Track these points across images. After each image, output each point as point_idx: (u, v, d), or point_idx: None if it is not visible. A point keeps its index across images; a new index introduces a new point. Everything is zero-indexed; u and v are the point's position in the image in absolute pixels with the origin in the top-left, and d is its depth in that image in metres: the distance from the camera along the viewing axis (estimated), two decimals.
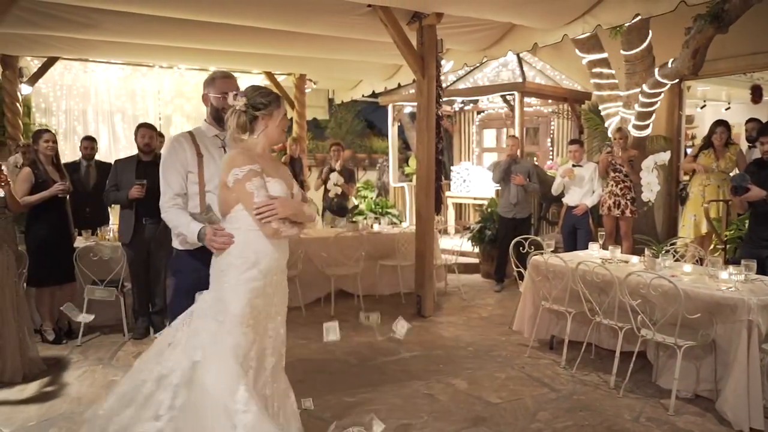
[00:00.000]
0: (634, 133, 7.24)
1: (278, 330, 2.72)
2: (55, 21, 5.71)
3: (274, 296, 2.66)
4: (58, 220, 4.99)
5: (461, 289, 7.06)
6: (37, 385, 4.08)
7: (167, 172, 2.91)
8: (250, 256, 2.55)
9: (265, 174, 2.56)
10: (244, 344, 2.52)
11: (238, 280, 2.54)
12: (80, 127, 8.66)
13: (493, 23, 6.22)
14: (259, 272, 2.55)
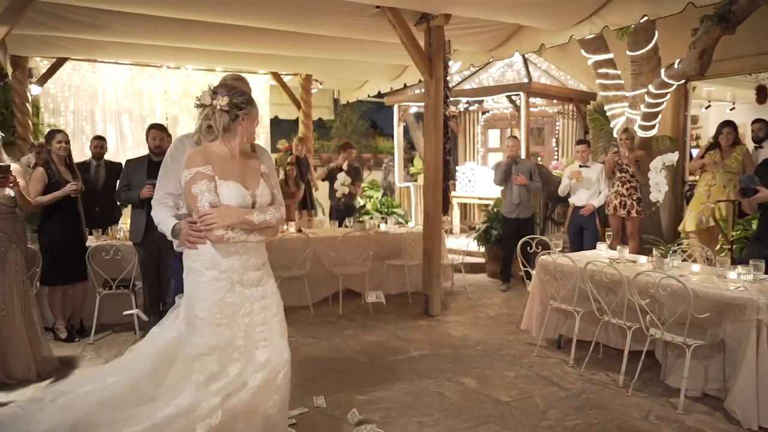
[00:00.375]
0: (640, 133, 7.27)
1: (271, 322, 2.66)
2: (65, 22, 5.76)
3: (253, 292, 2.63)
4: (71, 219, 5.04)
5: (468, 288, 7.09)
6: (50, 383, 4.12)
7: (166, 172, 2.94)
8: (206, 259, 2.54)
9: (218, 176, 2.53)
10: (221, 339, 2.52)
11: (197, 283, 2.55)
12: (88, 127, 8.71)
13: (501, 24, 6.25)
14: (220, 273, 2.55)
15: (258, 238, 2.63)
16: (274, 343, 2.66)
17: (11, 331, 4.07)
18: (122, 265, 5.21)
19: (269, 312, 2.68)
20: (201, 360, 2.51)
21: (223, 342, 2.54)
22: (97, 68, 8.64)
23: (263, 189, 2.66)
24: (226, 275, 2.55)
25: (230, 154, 2.61)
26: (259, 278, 2.67)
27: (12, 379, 4.05)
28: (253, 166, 2.70)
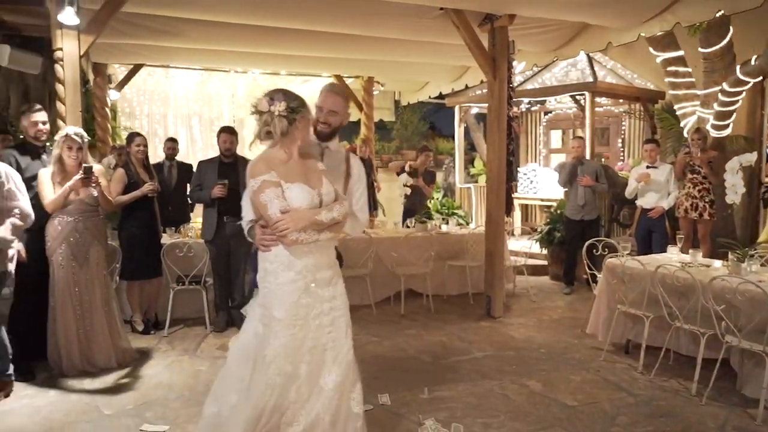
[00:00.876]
0: (713, 133, 6.99)
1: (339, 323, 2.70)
2: (143, 30, 6.05)
3: (326, 292, 2.67)
4: (148, 218, 5.30)
5: (530, 290, 7.01)
6: (130, 372, 4.36)
7: None
8: (282, 261, 2.59)
9: (283, 181, 2.56)
10: (295, 341, 2.58)
11: (277, 284, 2.60)
12: (161, 129, 9.13)
13: (565, 23, 6.16)
14: (296, 274, 2.59)
15: (328, 236, 2.66)
16: (340, 343, 2.70)
17: (94, 322, 4.32)
18: (194, 262, 5.44)
19: (337, 312, 2.72)
20: (276, 362, 2.57)
21: (297, 343, 2.60)
22: (170, 74, 9.03)
23: (327, 187, 2.70)
24: (301, 276, 2.60)
25: (290, 157, 2.65)
26: (330, 277, 2.70)
27: (94, 368, 4.29)
28: (313, 165, 2.73)
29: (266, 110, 2.58)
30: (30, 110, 4.36)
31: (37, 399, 3.84)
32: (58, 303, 4.20)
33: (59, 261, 4.20)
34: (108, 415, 3.62)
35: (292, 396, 2.61)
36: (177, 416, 3.62)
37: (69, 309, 4.22)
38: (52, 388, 4.02)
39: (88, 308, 4.30)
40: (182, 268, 5.41)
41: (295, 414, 2.62)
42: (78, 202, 4.22)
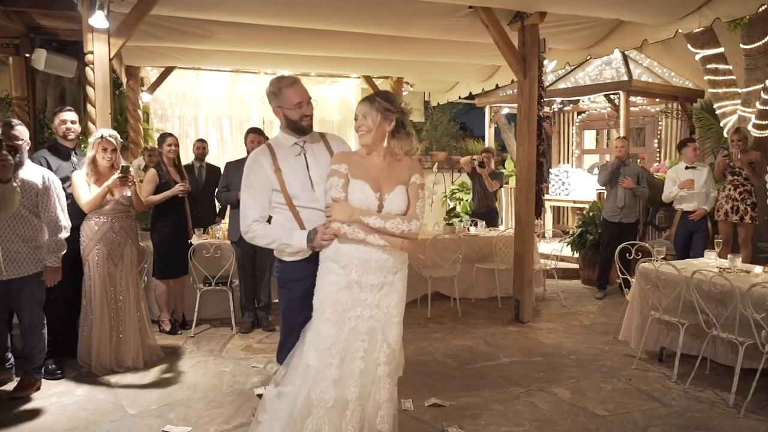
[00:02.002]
0: (754, 133, 6.73)
1: (375, 336, 2.62)
2: (174, 33, 6.12)
3: (369, 297, 2.60)
4: (178, 218, 5.35)
5: (560, 295, 6.85)
6: (156, 372, 4.39)
7: (246, 198, 2.84)
8: (330, 251, 2.64)
9: (351, 175, 2.64)
10: (323, 336, 2.59)
11: (321, 274, 2.68)
12: (192, 131, 9.24)
13: (599, 20, 6.00)
14: (340, 268, 2.61)
15: (379, 242, 2.58)
16: (372, 356, 2.63)
17: (126, 322, 4.37)
18: (221, 262, 5.46)
19: (376, 323, 2.62)
20: (309, 352, 2.62)
21: (327, 340, 2.58)
22: (201, 76, 9.14)
23: (396, 196, 2.65)
24: (344, 271, 2.60)
25: (368, 154, 2.70)
26: (380, 284, 2.62)
27: (122, 367, 4.34)
28: (399, 172, 2.70)
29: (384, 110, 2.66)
30: (60, 110, 4.46)
31: (64, 398, 3.90)
32: (95, 303, 4.25)
33: (95, 261, 4.25)
34: (132, 415, 3.64)
35: (316, 395, 2.57)
36: (200, 417, 3.62)
37: (104, 309, 4.27)
38: (80, 387, 4.07)
39: (122, 308, 4.35)
40: (209, 268, 5.44)
41: (319, 421, 2.57)
42: (113, 202, 4.28)
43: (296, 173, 2.83)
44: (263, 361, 4.65)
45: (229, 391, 4.06)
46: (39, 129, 7.30)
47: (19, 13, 6.14)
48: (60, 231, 3.88)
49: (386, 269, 2.63)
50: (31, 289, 3.84)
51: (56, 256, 3.86)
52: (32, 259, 3.80)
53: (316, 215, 2.79)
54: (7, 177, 3.17)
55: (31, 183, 3.77)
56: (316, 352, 2.59)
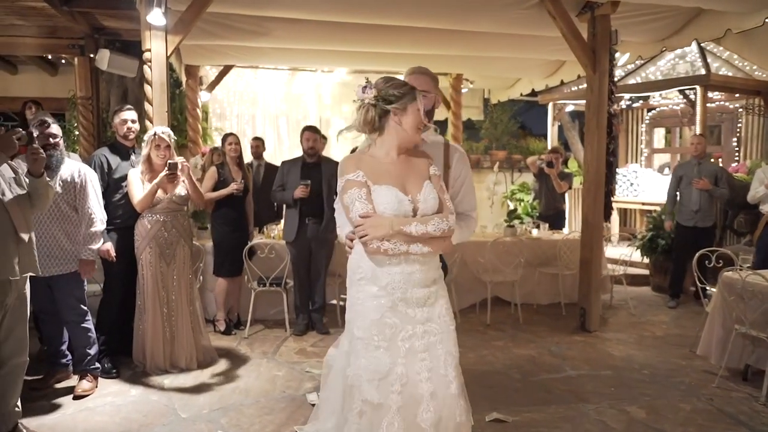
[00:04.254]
0: None
1: (435, 350, 2.32)
2: (231, 31, 6.08)
3: (417, 312, 2.31)
4: (237, 217, 5.32)
5: (629, 302, 6.44)
6: (209, 374, 4.32)
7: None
8: (366, 272, 2.30)
9: (371, 181, 2.28)
10: (377, 366, 2.25)
11: (357, 298, 2.33)
12: (250, 130, 9.25)
13: (676, 9, 5.59)
14: (380, 289, 2.28)
15: (422, 250, 2.27)
16: (438, 374, 2.30)
17: (179, 322, 4.32)
18: (275, 263, 5.37)
19: (434, 337, 2.31)
20: (359, 387, 2.28)
21: (383, 368, 2.25)
22: (258, 74, 9.15)
23: (427, 193, 2.34)
24: (386, 292, 2.28)
25: (386, 154, 2.35)
26: (426, 297, 2.33)
27: (176, 368, 4.29)
28: (419, 167, 2.39)
29: (359, 99, 2.33)
30: (120, 109, 4.44)
31: (119, 398, 3.87)
32: (148, 303, 4.23)
33: (148, 260, 4.22)
34: (184, 419, 3.57)
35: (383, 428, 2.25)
36: (251, 424, 3.51)
37: (157, 309, 4.24)
38: (134, 388, 4.04)
39: (174, 308, 4.31)
40: (264, 269, 5.37)
41: None
42: (167, 200, 4.24)
43: None
44: (317, 366, 4.51)
45: (282, 396, 3.94)
46: (102, 128, 7.43)
47: (84, 13, 6.25)
48: (94, 224, 3.84)
49: (428, 278, 2.34)
50: (72, 285, 3.83)
51: (90, 249, 3.82)
52: (73, 256, 3.79)
53: None
54: (40, 171, 3.13)
55: (70, 179, 3.77)
56: (372, 384, 2.25)
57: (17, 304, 3.13)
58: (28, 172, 3.15)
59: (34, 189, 3.16)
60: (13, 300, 3.08)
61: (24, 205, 3.13)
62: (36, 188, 3.16)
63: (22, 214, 3.10)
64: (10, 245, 3.01)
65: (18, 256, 3.05)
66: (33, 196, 3.18)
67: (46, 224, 3.71)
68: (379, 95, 2.28)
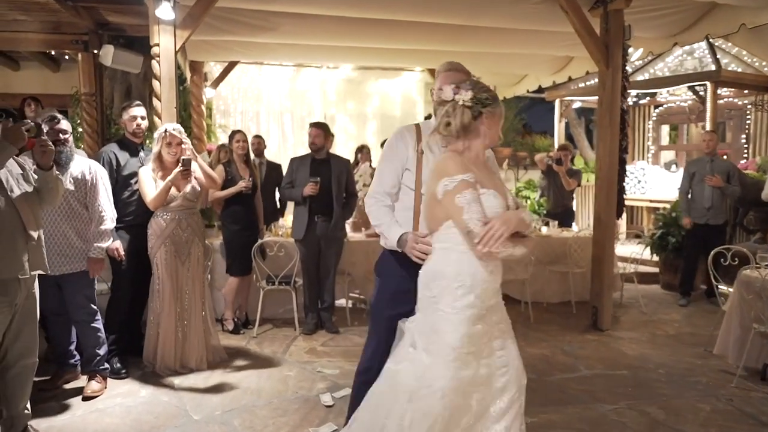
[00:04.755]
0: None
1: (507, 345, 2.37)
2: (238, 26, 6.01)
3: (493, 315, 2.33)
4: (247, 215, 5.25)
5: (640, 300, 6.37)
6: (220, 374, 4.25)
7: (382, 166, 2.74)
8: (465, 281, 2.22)
9: (479, 184, 2.23)
10: (467, 375, 2.22)
11: (453, 308, 2.22)
12: (254, 126, 9.17)
13: (690, 3, 5.52)
14: (476, 298, 2.22)
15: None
16: (514, 366, 2.35)
17: (192, 322, 4.24)
18: (284, 261, 5.30)
19: (507, 336, 2.38)
20: (449, 396, 2.20)
21: (472, 372, 2.23)
22: (263, 71, 9.08)
23: (512, 199, 2.37)
24: (479, 300, 2.24)
25: (476, 158, 2.34)
26: (498, 301, 2.36)
27: (185, 369, 4.22)
28: (494, 169, 2.53)
29: (450, 99, 2.30)
30: (129, 105, 4.35)
31: (129, 399, 3.80)
32: (164, 303, 4.13)
33: (163, 259, 4.13)
34: (196, 421, 3.50)
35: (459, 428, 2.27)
36: (265, 426, 3.44)
37: (172, 308, 4.16)
38: (144, 388, 3.97)
39: (188, 308, 4.23)
40: (272, 267, 5.30)
41: None
42: (180, 198, 4.16)
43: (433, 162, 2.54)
44: (328, 366, 4.45)
45: (295, 397, 3.88)
46: (106, 125, 7.36)
47: (88, 8, 6.17)
48: (104, 221, 3.77)
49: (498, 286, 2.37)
50: (82, 284, 3.76)
51: (100, 247, 3.75)
52: (84, 254, 3.72)
53: None
54: (49, 164, 3.05)
55: (81, 176, 3.70)
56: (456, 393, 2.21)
57: (27, 304, 3.06)
58: (37, 166, 3.07)
59: (43, 183, 3.08)
60: (23, 299, 3.01)
61: (33, 201, 3.06)
62: (46, 182, 3.08)
63: (31, 210, 3.03)
64: (19, 243, 2.94)
65: (27, 254, 2.97)
66: (42, 191, 3.10)
67: (57, 222, 3.64)
68: (475, 97, 2.27)
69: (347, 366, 4.41)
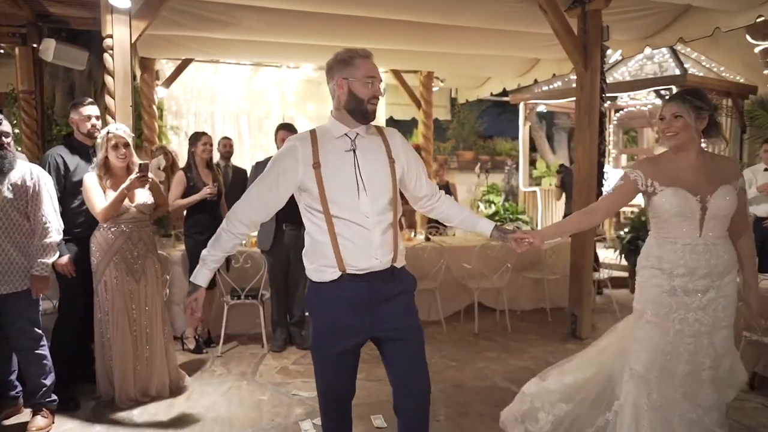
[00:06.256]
0: None
1: (701, 339, 2.60)
2: (195, 20, 5.59)
3: (694, 300, 2.57)
4: (212, 223, 4.80)
5: (615, 306, 6.28)
6: (185, 401, 3.84)
7: (258, 187, 2.34)
8: (653, 259, 2.65)
9: (657, 183, 2.62)
10: (647, 339, 2.61)
11: (641, 277, 2.70)
12: (208, 128, 8.66)
13: (665, 6, 5.45)
14: (661, 272, 2.60)
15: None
16: (696, 360, 2.59)
17: (154, 346, 3.80)
18: (251, 273, 4.92)
19: (702, 326, 2.58)
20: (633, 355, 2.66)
21: (651, 341, 2.60)
22: (218, 70, 8.61)
23: (723, 195, 2.62)
24: (667, 277, 2.59)
25: (679, 157, 2.64)
26: (706, 288, 2.58)
27: (146, 397, 3.78)
28: (721, 171, 2.63)
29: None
30: (81, 103, 3.83)
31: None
32: (115, 327, 3.66)
33: (112, 277, 3.66)
34: None
35: (644, 400, 2.65)
36: None
37: (127, 332, 3.70)
38: (98, 422, 3.51)
39: (148, 329, 3.78)
40: (237, 280, 4.90)
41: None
42: (133, 209, 3.71)
43: (341, 173, 2.25)
44: (303, 387, 4.10)
45: (272, 426, 3.52)
46: (47, 125, 6.75)
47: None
48: (48, 234, 3.32)
49: (715, 274, 2.58)
50: (24, 306, 3.30)
51: (44, 263, 3.30)
52: (25, 272, 3.27)
53: (353, 231, 2.23)
54: None
55: (21, 183, 3.24)
56: (646, 356, 2.60)
57: None
58: None
59: None
60: None
61: None
62: None
63: None
64: None
65: None
66: None
67: None
68: (711, 106, 2.60)
69: None
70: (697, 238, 2.57)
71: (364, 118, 2.29)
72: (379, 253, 2.25)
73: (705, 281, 2.56)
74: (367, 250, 2.23)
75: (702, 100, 2.54)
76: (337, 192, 2.22)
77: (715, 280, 2.57)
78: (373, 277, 2.26)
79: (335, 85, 2.28)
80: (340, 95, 2.27)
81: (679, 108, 2.53)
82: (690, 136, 2.53)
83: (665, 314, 2.58)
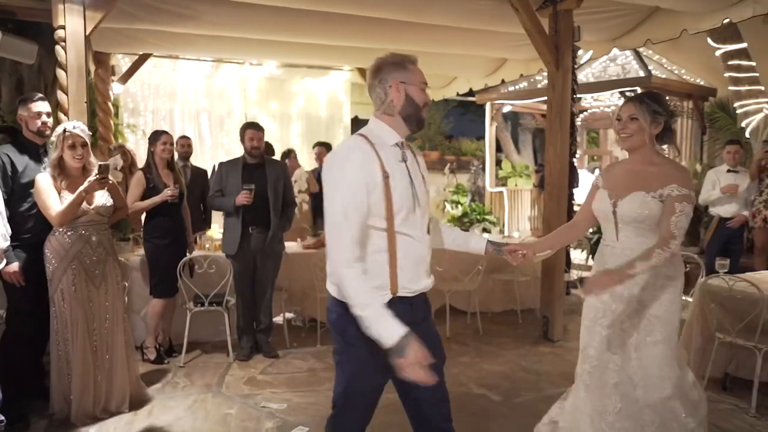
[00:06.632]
0: None
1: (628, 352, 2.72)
2: (155, 13, 5.32)
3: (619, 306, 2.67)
4: (175, 227, 4.57)
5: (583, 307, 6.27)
6: (146, 417, 3.61)
7: (348, 216, 1.96)
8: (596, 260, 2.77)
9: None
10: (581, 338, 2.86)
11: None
12: (167, 127, 8.31)
13: (634, 7, 5.45)
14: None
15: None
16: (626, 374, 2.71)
17: (115, 357, 3.56)
18: (215, 278, 4.69)
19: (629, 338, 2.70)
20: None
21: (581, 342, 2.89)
22: (178, 66, 8.29)
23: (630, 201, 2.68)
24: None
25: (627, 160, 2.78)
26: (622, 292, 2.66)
27: (106, 413, 3.53)
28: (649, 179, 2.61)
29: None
30: (30, 99, 3.54)
31: None
32: (74, 338, 3.41)
33: (70, 284, 3.40)
34: None
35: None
36: None
37: (86, 343, 3.44)
38: None
39: (108, 337, 3.53)
40: (200, 285, 4.68)
41: None
42: (92, 212, 3.47)
43: (402, 184, 2.06)
44: (273, 399, 3.91)
45: None
46: None
47: None
48: None
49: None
50: None
51: None
52: None
53: (413, 248, 2.08)
54: None
55: None
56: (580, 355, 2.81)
57: None
58: None
59: None
60: None
61: None
62: None
63: None
64: None
65: None
66: None
67: None
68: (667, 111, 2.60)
69: (295, 398, 3.91)
70: (614, 240, 2.66)
71: (418, 126, 2.16)
72: (429, 272, 2.19)
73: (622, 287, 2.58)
74: (421, 269, 2.13)
75: (660, 104, 2.54)
76: (401, 205, 2.05)
77: (632, 287, 2.60)
78: (418, 297, 2.14)
79: (390, 89, 2.09)
80: (395, 99, 2.09)
81: (636, 110, 2.53)
82: (643, 139, 2.54)
83: (593, 318, 2.71)
